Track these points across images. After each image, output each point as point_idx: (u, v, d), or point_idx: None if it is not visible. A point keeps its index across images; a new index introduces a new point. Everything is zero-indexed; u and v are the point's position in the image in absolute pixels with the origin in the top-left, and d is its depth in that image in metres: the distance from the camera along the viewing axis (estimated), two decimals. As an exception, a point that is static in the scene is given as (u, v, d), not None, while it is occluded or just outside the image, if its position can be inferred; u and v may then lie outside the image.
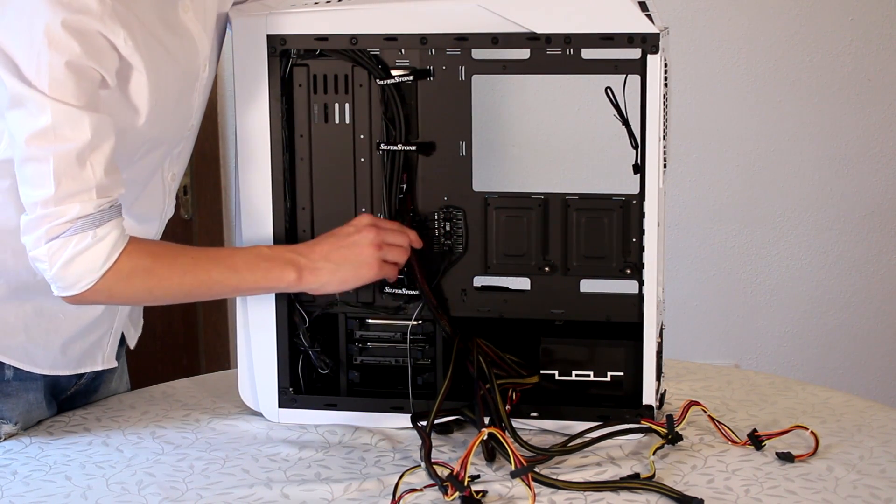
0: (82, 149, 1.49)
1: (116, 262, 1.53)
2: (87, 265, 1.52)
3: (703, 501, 1.47)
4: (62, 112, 1.47)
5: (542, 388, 1.72)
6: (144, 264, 1.56)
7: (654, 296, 1.67)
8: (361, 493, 1.53)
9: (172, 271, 1.59)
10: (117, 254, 1.53)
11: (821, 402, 1.82)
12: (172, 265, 1.59)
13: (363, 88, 1.72)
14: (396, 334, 1.77)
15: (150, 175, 1.71)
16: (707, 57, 3.07)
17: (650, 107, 1.62)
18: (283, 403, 1.77)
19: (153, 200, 1.74)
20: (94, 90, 1.51)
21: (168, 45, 1.61)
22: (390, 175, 1.72)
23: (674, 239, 3.07)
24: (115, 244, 1.53)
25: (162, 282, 1.59)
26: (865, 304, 3.16)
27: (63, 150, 1.48)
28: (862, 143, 3.09)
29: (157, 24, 1.59)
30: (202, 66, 1.69)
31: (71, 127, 1.48)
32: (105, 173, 1.51)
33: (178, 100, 1.66)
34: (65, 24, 1.46)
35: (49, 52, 1.46)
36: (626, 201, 1.70)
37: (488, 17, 1.64)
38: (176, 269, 1.59)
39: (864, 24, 3.04)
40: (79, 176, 1.50)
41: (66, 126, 1.48)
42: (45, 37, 1.46)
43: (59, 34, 1.46)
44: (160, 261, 1.58)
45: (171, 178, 1.75)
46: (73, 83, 1.47)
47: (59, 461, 1.65)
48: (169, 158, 1.73)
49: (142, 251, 1.57)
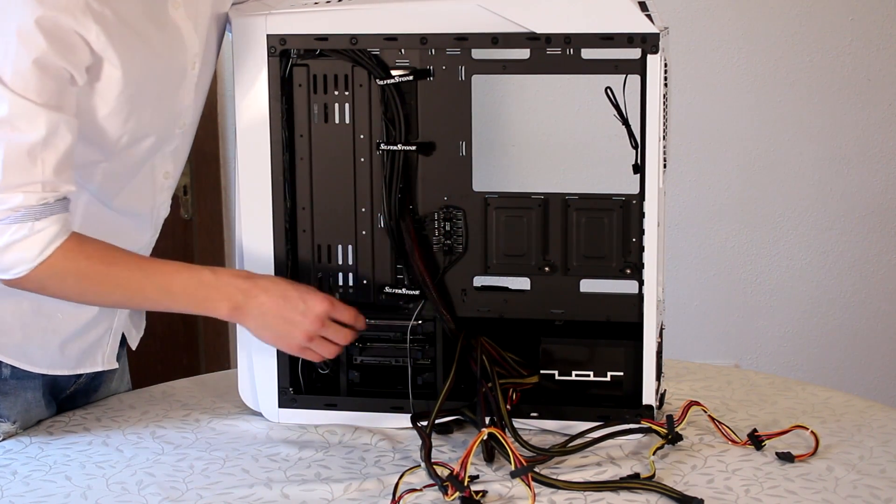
0: (34, 144, 1.50)
1: (50, 258, 1.54)
2: (21, 255, 1.53)
3: (703, 501, 1.47)
4: (20, 106, 1.49)
5: (543, 388, 1.72)
6: (78, 267, 1.57)
7: (654, 296, 1.67)
8: (361, 493, 1.53)
9: (106, 280, 1.59)
10: (52, 249, 1.53)
11: (821, 402, 1.82)
12: (107, 275, 1.59)
13: (363, 88, 1.72)
14: (396, 334, 1.77)
15: (136, 168, 1.70)
16: (707, 57, 3.07)
17: (650, 107, 1.62)
18: (283, 403, 1.77)
19: (141, 195, 1.73)
20: (59, 89, 1.52)
21: (150, 39, 1.61)
22: (390, 175, 1.72)
23: (674, 239, 3.07)
24: (51, 240, 1.53)
25: (94, 287, 1.59)
26: (865, 304, 3.16)
27: (15, 142, 1.50)
28: (862, 143, 3.09)
29: (140, 18, 1.60)
30: (190, 63, 1.68)
31: (27, 121, 1.50)
32: (55, 172, 1.52)
33: (159, 95, 1.66)
34: (38, 22, 1.48)
35: (17, 47, 1.48)
36: (626, 201, 1.70)
37: (488, 17, 1.64)
38: (110, 279, 1.59)
39: (864, 24, 3.04)
40: (27, 169, 1.51)
41: (21, 119, 1.50)
42: (17, 33, 1.48)
43: (30, 31, 1.48)
44: (95, 267, 1.58)
45: (164, 175, 1.75)
46: (36, 80, 1.49)
47: (59, 461, 1.65)
48: (160, 155, 1.72)
49: (79, 253, 1.56)
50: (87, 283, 1.58)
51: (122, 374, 1.93)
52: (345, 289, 1.76)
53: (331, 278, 1.76)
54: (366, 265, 1.75)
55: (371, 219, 1.74)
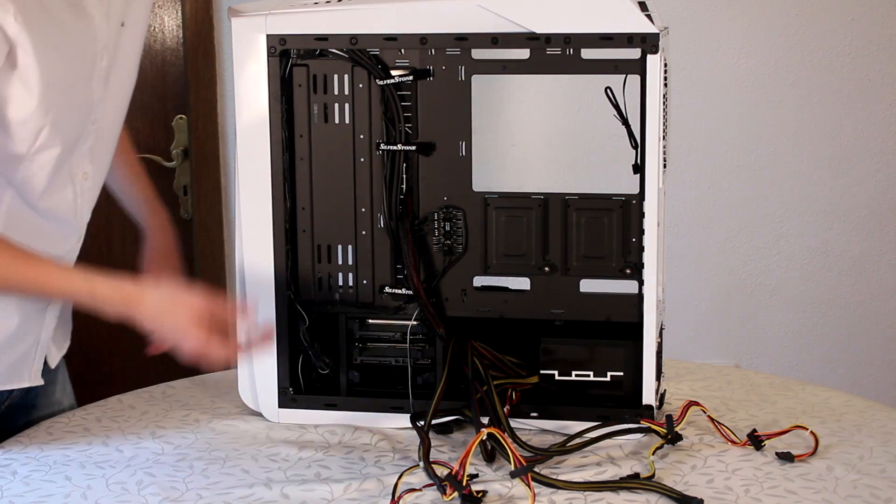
0: None
1: None
2: None
3: (703, 501, 1.47)
4: None
5: (542, 389, 1.72)
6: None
7: (653, 296, 1.67)
8: (361, 493, 1.53)
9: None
10: None
11: (821, 402, 1.82)
12: None
13: (363, 88, 1.72)
14: (396, 334, 1.77)
15: (54, 171, 1.66)
16: (707, 57, 3.06)
17: (650, 107, 1.62)
18: (283, 403, 1.77)
19: (62, 198, 1.69)
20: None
21: (65, 23, 1.57)
22: (390, 175, 1.72)
23: (674, 239, 3.07)
24: None
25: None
26: (866, 304, 3.16)
27: None
28: (862, 143, 3.09)
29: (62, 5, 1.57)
30: (99, 54, 1.64)
31: None
32: None
33: (72, 84, 1.62)
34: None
35: None
36: (626, 201, 1.70)
37: (488, 17, 1.64)
38: None
39: (864, 24, 3.04)
40: None
41: None
42: None
43: None
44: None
45: (83, 176, 1.71)
46: None
47: (59, 461, 1.65)
48: (77, 154, 1.68)
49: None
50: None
51: (63, 385, 1.89)
52: (345, 289, 1.76)
53: (331, 278, 1.76)
54: (366, 265, 1.75)
55: (371, 219, 1.74)
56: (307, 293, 1.77)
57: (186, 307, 1.58)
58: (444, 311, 1.75)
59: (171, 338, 1.59)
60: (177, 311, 1.58)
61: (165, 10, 3.08)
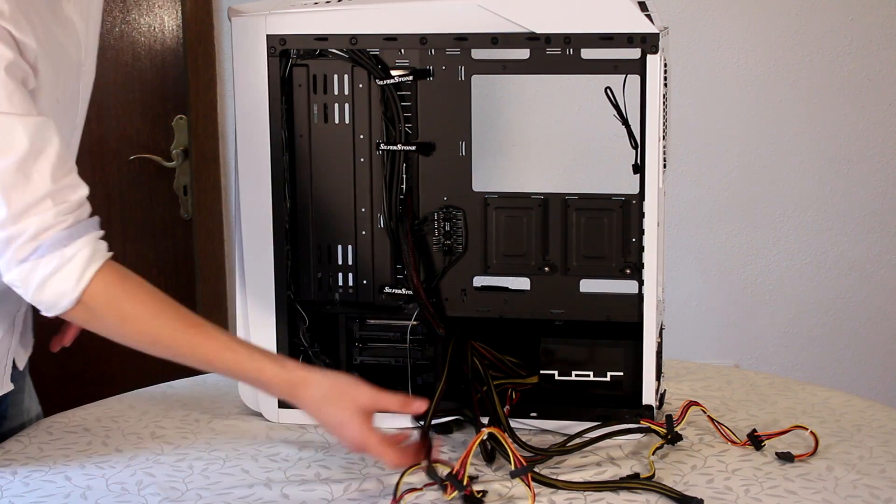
0: (23, 159, 1.41)
1: (90, 286, 1.44)
2: (60, 287, 1.44)
3: (703, 501, 1.47)
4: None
5: (542, 389, 1.72)
6: (120, 308, 1.46)
7: (653, 296, 1.67)
8: (361, 493, 1.53)
9: (148, 332, 1.48)
10: (90, 275, 1.44)
11: (821, 402, 1.82)
12: (150, 327, 1.47)
13: (363, 88, 1.72)
14: (396, 334, 1.77)
15: None
16: (707, 57, 3.06)
17: (650, 107, 1.62)
18: (283, 403, 1.76)
19: None
20: (23, 93, 1.42)
21: (59, 37, 1.54)
22: (390, 175, 1.72)
23: (674, 239, 3.07)
24: (86, 264, 1.44)
25: (135, 336, 1.48)
26: (865, 304, 3.16)
27: (3, 166, 1.40)
28: (862, 143, 3.09)
29: (50, 16, 1.52)
30: (82, 58, 1.61)
31: (4, 138, 1.40)
32: (54, 179, 1.42)
33: (64, 94, 1.57)
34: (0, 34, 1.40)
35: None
36: (626, 201, 1.70)
37: (488, 17, 1.64)
38: (151, 333, 1.48)
39: (864, 24, 3.04)
40: (26, 188, 1.41)
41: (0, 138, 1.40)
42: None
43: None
44: (138, 313, 1.47)
45: None
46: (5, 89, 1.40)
47: (59, 461, 1.65)
48: None
49: (121, 291, 1.46)
50: (128, 330, 1.48)
51: (30, 391, 1.85)
52: (345, 289, 1.76)
53: (331, 278, 1.76)
54: (366, 265, 1.75)
55: (371, 219, 1.74)
56: (307, 293, 1.77)
57: (350, 398, 1.50)
58: (444, 311, 1.75)
59: (333, 428, 1.52)
60: (341, 401, 1.50)
61: (165, 10, 3.08)
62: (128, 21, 3.05)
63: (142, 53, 3.07)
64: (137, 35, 3.06)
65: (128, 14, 3.05)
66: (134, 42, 3.06)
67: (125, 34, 3.05)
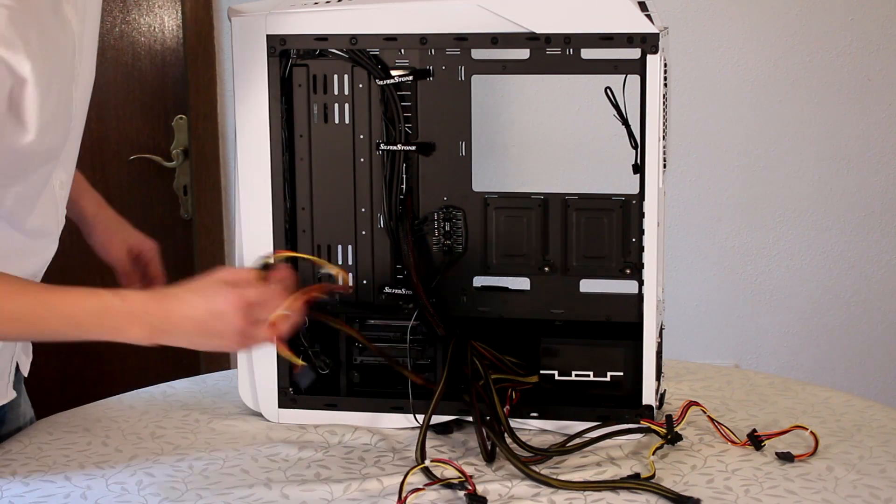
0: None
1: None
2: None
3: (700, 501, 1.47)
4: None
5: (542, 388, 1.72)
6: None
7: (653, 296, 1.67)
8: (361, 493, 1.53)
9: (6, 316, 1.45)
10: None
11: (821, 402, 1.82)
12: (6, 311, 1.44)
13: (363, 88, 1.72)
14: (396, 334, 1.77)
15: (42, 185, 1.60)
16: (707, 57, 3.07)
17: (650, 107, 1.63)
18: (283, 403, 1.77)
19: (47, 212, 1.63)
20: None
21: (58, 40, 1.51)
22: (390, 175, 1.72)
23: (674, 239, 3.07)
24: None
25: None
26: (865, 304, 3.16)
27: None
28: (862, 143, 3.09)
29: (51, 20, 1.50)
30: (77, 58, 1.59)
31: None
32: None
33: (60, 100, 1.55)
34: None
35: None
36: (626, 201, 1.70)
37: (488, 17, 1.64)
38: (10, 314, 1.45)
39: (864, 24, 3.04)
40: None
41: None
42: None
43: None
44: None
45: (60, 185, 1.65)
46: None
47: (59, 461, 1.65)
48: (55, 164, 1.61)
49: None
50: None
51: (25, 395, 1.84)
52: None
53: (331, 278, 1.76)
54: (366, 265, 1.75)
55: (371, 219, 1.74)
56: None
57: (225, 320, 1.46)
58: (444, 311, 1.75)
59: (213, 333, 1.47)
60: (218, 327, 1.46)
61: (165, 10, 3.08)
62: (128, 21, 3.05)
63: (142, 53, 3.07)
64: (137, 35, 3.06)
65: (128, 14, 3.05)
66: (134, 42, 3.06)
67: (125, 34, 3.05)
